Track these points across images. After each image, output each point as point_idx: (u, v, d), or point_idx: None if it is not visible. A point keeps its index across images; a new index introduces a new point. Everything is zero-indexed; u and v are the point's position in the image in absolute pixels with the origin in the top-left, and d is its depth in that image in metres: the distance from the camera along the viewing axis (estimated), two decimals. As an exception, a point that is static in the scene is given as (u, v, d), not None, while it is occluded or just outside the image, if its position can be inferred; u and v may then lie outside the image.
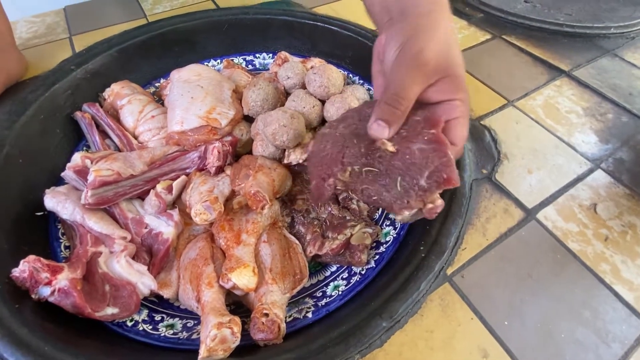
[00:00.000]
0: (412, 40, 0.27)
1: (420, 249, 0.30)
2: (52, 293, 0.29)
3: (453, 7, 0.60)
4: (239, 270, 0.31)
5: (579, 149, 0.40)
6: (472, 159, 0.38)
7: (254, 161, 0.41)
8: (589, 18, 0.64)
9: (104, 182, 0.36)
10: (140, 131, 0.46)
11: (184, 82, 0.47)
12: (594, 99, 0.46)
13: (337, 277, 0.35)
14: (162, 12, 0.58)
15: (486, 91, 0.46)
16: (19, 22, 0.55)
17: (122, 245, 0.35)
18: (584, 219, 0.34)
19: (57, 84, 0.44)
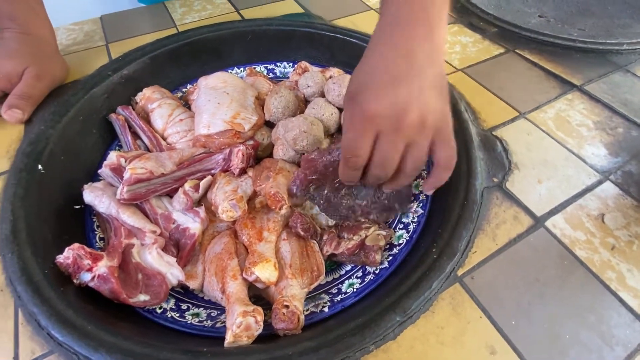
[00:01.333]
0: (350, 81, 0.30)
1: (433, 250, 0.32)
2: (92, 279, 0.32)
3: (468, 22, 0.63)
4: (262, 265, 0.34)
5: (588, 161, 0.41)
6: (484, 167, 0.40)
7: (275, 164, 0.43)
8: (603, 34, 0.65)
9: (139, 179, 0.39)
10: (169, 133, 0.49)
11: (211, 89, 0.50)
12: (604, 113, 0.47)
13: (351, 276, 0.37)
14: (191, 22, 0.61)
15: (498, 103, 0.48)
16: (60, 30, 0.59)
17: (152, 238, 0.38)
18: (591, 228, 0.35)
19: (95, 87, 0.48)
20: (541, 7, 0.76)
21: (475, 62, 0.54)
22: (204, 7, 0.65)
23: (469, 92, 0.49)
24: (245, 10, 0.65)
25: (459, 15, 0.65)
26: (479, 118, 0.46)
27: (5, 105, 0.44)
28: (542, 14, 0.73)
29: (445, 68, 0.53)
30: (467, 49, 0.57)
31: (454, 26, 0.62)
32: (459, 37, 0.60)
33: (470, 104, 0.47)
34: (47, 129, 0.42)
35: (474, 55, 0.56)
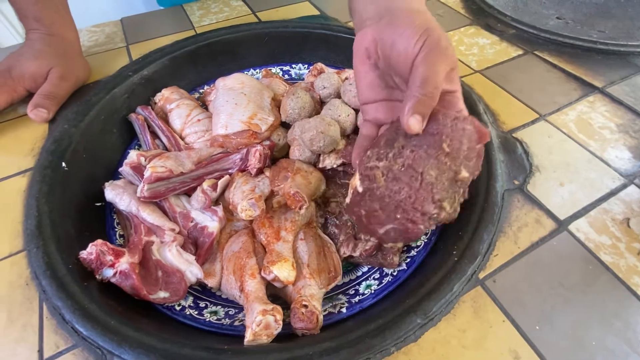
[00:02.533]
0: (431, 32, 0.27)
1: (453, 253, 0.32)
2: (114, 274, 0.33)
3: (485, 23, 0.62)
4: (280, 264, 0.34)
5: (612, 164, 0.40)
6: (504, 170, 0.39)
7: (292, 164, 0.44)
8: (623, 35, 0.64)
9: (159, 178, 0.39)
10: (187, 133, 0.49)
11: (229, 90, 0.50)
12: (627, 116, 0.46)
13: (369, 277, 0.37)
14: (208, 24, 0.62)
15: (518, 105, 0.47)
16: (82, 32, 0.61)
17: (172, 236, 0.38)
18: (616, 233, 0.34)
19: (116, 88, 0.49)
20: (559, 8, 0.75)
21: (494, 64, 0.54)
22: (221, 9, 0.66)
23: (488, 94, 0.48)
24: (262, 13, 0.65)
25: (476, 17, 0.64)
26: (499, 120, 0.45)
27: (31, 104, 0.45)
28: (560, 16, 0.72)
29: (463, 70, 0.53)
30: (485, 51, 0.56)
31: (470, 28, 0.62)
32: (476, 38, 0.59)
33: (489, 105, 0.47)
34: (70, 127, 0.43)
35: (492, 57, 0.55)
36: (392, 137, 0.29)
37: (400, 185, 0.27)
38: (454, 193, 0.28)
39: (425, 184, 0.27)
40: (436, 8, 0.67)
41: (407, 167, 0.27)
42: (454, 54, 0.28)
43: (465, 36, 0.60)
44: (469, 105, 0.46)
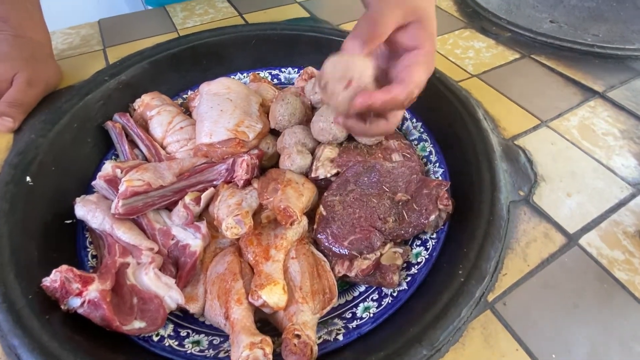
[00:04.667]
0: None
1: (459, 273, 0.29)
2: (82, 304, 0.29)
3: (480, 26, 0.61)
4: (269, 288, 0.31)
5: (618, 172, 0.39)
6: (508, 180, 0.37)
7: (282, 175, 0.41)
8: (618, 39, 0.63)
9: (135, 192, 0.36)
10: (168, 142, 0.46)
11: (214, 95, 0.47)
12: (630, 121, 0.44)
13: (367, 298, 0.34)
14: (192, 26, 0.59)
15: (518, 111, 0.45)
16: (55, 34, 0.57)
17: (149, 256, 0.35)
18: (629, 247, 0.32)
19: (90, 94, 0.45)
20: (552, 12, 0.74)
21: (491, 68, 0.52)
22: (205, 11, 0.63)
23: (487, 99, 0.46)
24: (249, 15, 0.62)
25: (470, 20, 0.63)
26: (499, 127, 0.43)
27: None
28: (554, 19, 0.72)
29: (460, 74, 0.51)
30: (481, 54, 0.55)
31: (465, 31, 0.60)
32: (472, 42, 0.57)
33: (488, 111, 0.45)
34: (37, 137, 0.39)
35: (489, 61, 0.53)
36: (344, 182, 0.39)
37: (353, 209, 0.37)
38: (397, 210, 0.37)
39: (371, 208, 0.37)
40: (429, 11, 0.65)
41: (356, 199, 0.38)
42: (412, 7, 0.29)
43: (461, 39, 0.58)
44: (467, 111, 0.44)
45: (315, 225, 0.38)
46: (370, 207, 0.37)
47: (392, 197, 0.38)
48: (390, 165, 0.41)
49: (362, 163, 0.41)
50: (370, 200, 0.38)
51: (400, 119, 0.43)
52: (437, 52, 0.55)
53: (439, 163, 0.43)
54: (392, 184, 0.39)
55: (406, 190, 0.38)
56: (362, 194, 0.39)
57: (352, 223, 0.36)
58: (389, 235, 0.36)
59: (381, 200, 0.38)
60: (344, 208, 0.38)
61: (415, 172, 0.40)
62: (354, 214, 0.37)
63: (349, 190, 0.39)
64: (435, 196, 0.36)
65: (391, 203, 0.38)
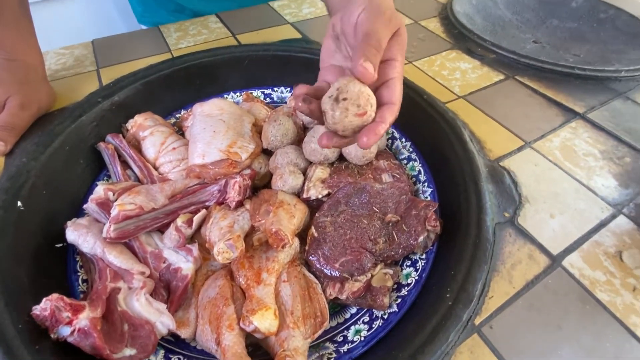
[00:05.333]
0: (372, 1, 0.31)
1: (447, 296, 0.30)
2: (71, 333, 0.29)
3: (466, 47, 0.63)
4: (261, 313, 0.31)
5: (599, 193, 0.40)
6: (494, 201, 0.38)
7: (274, 196, 0.41)
8: (598, 60, 0.66)
9: (127, 216, 0.36)
10: (161, 162, 0.46)
11: (207, 116, 0.48)
12: (610, 142, 0.46)
13: (358, 321, 0.34)
14: (186, 47, 0.60)
15: (503, 132, 0.47)
16: (49, 54, 0.57)
17: (141, 281, 0.35)
18: (610, 267, 0.33)
19: (83, 115, 0.46)
20: (535, 32, 0.77)
21: (476, 89, 0.53)
22: (199, 31, 0.64)
23: (473, 121, 0.48)
24: (242, 35, 0.64)
25: (456, 41, 0.65)
26: (485, 148, 0.44)
27: None
28: (537, 40, 0.74)
29: (447, 95, 0.53)
30: (467, 75, 0.56)
31: (452, 52, 0.62)
32: (458, 63, 0.59)
33: (474, 133, 0.46)
34: (28, 161, 0.39)
35: (475, 82, 0.55)
36: (335, 203, 0.40)
37: (344, 230, 0.38)
38: (387, 231, 0.38)
39: (361, 228, 0.38)
40: (417, 32, 0.67)
41: (347, 220, 0.38)
42: (395, 17, 0.32)
43: (447, 60, 0.60)
44: (454, 133, 0.45)
45: (307, 247, 0.38)
46: (360, 227, 0.38)
47: (382, 217, 0.39)
48: (380, 187, 0.42)
49: (352, 184, 0.42)
50: (361, 221, 0.39)
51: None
52: (425, 74, 0.57)
53: (427, 182, 0.44)
54: (382, 205, 0.40)
55: (396, 211, 0.39)
56: (353, 214, 0.39)
57: (343, 244, 0.37)
58: (380, 256, 0.37)
59: (371, 221, 0.39)
60: (335, 229, 0.38)
61: (405, 193, 0.41)
62: (345, 235, 0.38)
63: (340, 211, 0.40)
64: (423, 217, 0.37)
65: (381, 224, 0.39)
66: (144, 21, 0.81)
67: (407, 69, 0.57)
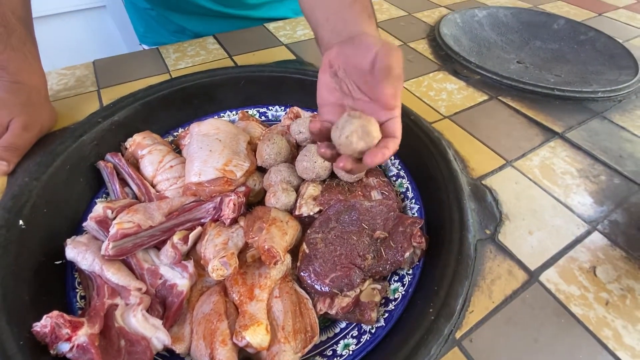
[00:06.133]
0: (385, 42, 0.33)
1: (430, 311, 0.31)
2: (70, 349, 0.30)
3: (452, 69, 0.66)
4: (253, 328, 0.32)
5: (575, 210, 0.42)
6: (476, 218, 0.40)
7: (267, 213, 0.43)
8: (578, 80, 0.69)
9: (125, 234, 0.38)
10: (158, 180, 0.48)
11: (204, 136, 0.50)
12: (586, 161, 0.49)
13: (347, 335, 0.36)
14: (184, 67, 0.62)
15: (486, 151, 0.49)
16: (51, 74, 0.59)
17: (137, 297, 0.36)
18: (584, 282, 0.35)
19: (84, 135, 0.47)
20: (519, 53, 0.80)
21: (461, 109, 0.56)
22: (197, 52, 0.67)
23: (457, 140, 0.50)
24: (239, 57, 0.66)
25: (444, 63, 0.68)
26: (468, 167, 0.47)
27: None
28: (520, 60, 0.78)
29: (433, 115, 0.55)
30: (453, 96, 0.59)
31: (439, 73, 0.65)
32: (445, 84, 0.62)
33: (458, 152, 0.49)
34: (31, 181, 0.41)
35: (460, 102, 0.58)
36: (326, 220, 0.42)
37: (335, 247, 0.39)
38: (376, 247, 0.40)
39: (351, 245, 0.39)
40: (406, 53, 0.70)
41: (337, 237, 0.40)
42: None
43: (434, 81, 0.63)
44: (439, 152, 0.48)
45: (299, 263, 0.40)
46: (350, 244, 0.40)
47: (371, 234, 0.41)
48: (369, 204, 0.43)
49: (343, 202, 0.44)
50: (351, 238, 0.41)
51: None
52: (413, 94, 0.59)
53: (415, 199, 0.46)
54: (371, 222, 0.42)
55: (384, 228, 0.41)
56: (343, 231, 0.41)
57: (334, 260, 0.39)
58: (368, 272, 0.38)
59: (361, 238, 0.40)
60: (325, 245, 0.40)
61: (393, 210, 0.43)
62: (335, 252, 0.39)
63: (330, 228, 0.42)
64: (409, 234, 0.39)
65: (370, 240, 0.40)
66: (145, 41, 0.84)
67: (396, 90, 0.60)
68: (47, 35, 1.06)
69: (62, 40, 1.03)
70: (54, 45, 0.98)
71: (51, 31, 1.04)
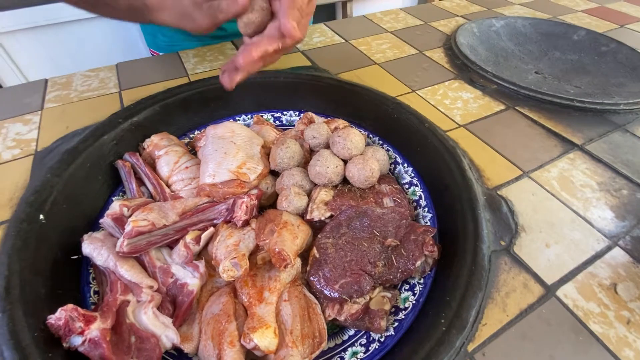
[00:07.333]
0: None
1: (441, 322, 0.31)
2: (82, 343, 0.31)
3: (469, 78, 0.65)
4: (261, 331, 0.32)
5: (595, 224, 0.41)
6: (490, 229, 0.39)
7: (279, 217, 0.43)
8: (598, 92, 0.68)
9: (140, 232, 0.38)
10: (173, 180, 0.49)
11: (219, 138, 0.50)
12: (607, 174, 0.47)
13: (355, 343, 0.35)
14: (202, 72, 0.64)
15: (502, 161, 0.48)
16: (76, 75, 0.61)
17: (149, 294, 0.36)
18: (604, 299, 0.34)
19: (105, 135, 0.49)
20: (537, 64, 0.79)
21: (477, 119, 0.55)
22: (215, 57, 0.68)
23: (472, 149, 0.50)
24: (255, 62, 0.67)
25: (459, 72, 0.68)
26: (483, 176, 0.46)
27: None
28: (539, 71, 0.77)
29: (448, 124, 0.55)
30: (469, 105, 0.59)
31: (454, 82, 0.65)
32: (460, 92, 0.62)
33: (474, 161, 0.48)
34: (52, 177, 0.42)
35: (476, 112, 0.57)
36: (337, 226, 0.42)
37: (345, 252, 0.39)
38: (386, 255, 0.39)
39: (361, 251, 0.39)
40: (422, 61, 0.70)
41: (348, 242, 0.40)
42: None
43: (450, 90, 0.62)
44: (453, 160, 0.47)
45: (309, 267, 0.40)
46: (361, 250, 0.40)
47: (382, 241, 0.40)
48: (381, 211, 0.43)
49: (354, 208, 0.44)
50: (361, 244, 0.40)
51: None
52: (428, 102, 0.59)
53: (427, 208, 0.46)
54: (383, 229, 0.42)
55: (395, 235, 0.41)
56: (354, 237, 0.41)
57: (344, 266, 0.38)
58: (378, 280, 0.38)
59: (372, 245, 0.40)
60: (336, 251, 0.40)
61: (405, 218, 0.43)
62: (346, 257, 0.39)
63: (341, 233, 0.41)
64: (421, 242, 0.39)
65: (381, 247, 0.40)
66: (159, 49, 0.85)
67: (411, 98, 0.60)
68: (74, 39, 1.10)
69: (89, 43, 1.07)
70: (80, 48, 1.02)
71: (78, 35, 1.09)
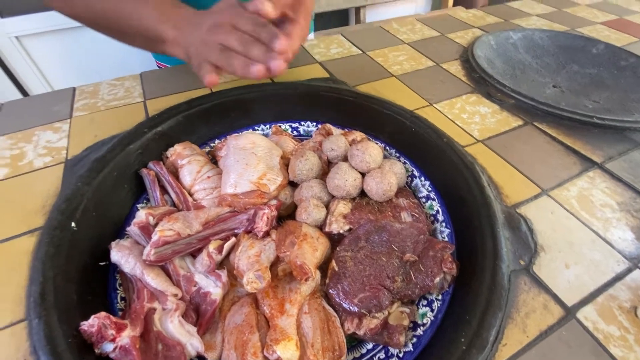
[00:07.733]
0: None
1: (461, 340, 0.31)
2: (114, 350, 0.32)
3: (486, 92, 0.66)
4: (284, 343, 0.33)
5: (616, 245, 0.41)
6: (510, 248, 0.39)
7: (299, 229, 0.44)
8: (618, 107, 0.67)
9: (166, 242, 0.40)
10: (195, 189, 0.50)
11: (240, 149, 0.52)
12: (628, 194, 0.47)
13: (373, 357, 0.36)
14: (223, 82, 0.65)
15: (520, 178, 0.48)
16: (102, 84, 0.64)
17: (174, 303, 0.38)
18: (624, 322, 0.34)
19: (131, 144, 0.50)
20: (555, 77, 0.79)
21: (495, 134, 0.56)
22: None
23: (491, 165, 0.50)
24: (275, 73, 0.69)
25: (477, 85, 0.68)
26: (502, 193, 0.46)
27: None
28: (556, 84, 0.77)
29: (466, 139, 0.55)
30: (486, 120, 0.59)
31: (472, 96, 0.65)
32: (478, 107, 0.62)
33: (492, 178, 0.48)
34: (83, 185, 0.44)
35: (494, 127, 0.57)
36: (356, 239, 0.43)
37: (364, 266, 0.40)
38: (405, 270, 0.40)
39: (380, 266, 0.40)
40: (439, 74, 0.71)
41: (367, 256, 0.41)
42: None
43: (467, 104, 0.63)
44: (472, 177, 0.47)
45: (328, 280, 0.40)
46: (379, 265, 0.40)
47: (400, 256, 0.41)
48: (399, 226, 0.44)
49: (373, 222, 0.44)
50: (380, 259, 0.41)
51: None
52: (446, 116, 0.60)
53: (445, 223, 0.46)
54: (401, 244, 0.42)
55: (414, 251, 0.41)
56: (373, 251, 0.42)
57: (363, 280, 0.39)
58: (397, 294, 0.38)
59: (390, 259, 0.41)
60: (355, 264, 0.41)
61: (423, 233, 0.43)
62: (364, 271, 0.40)
63: (360, 247, 0.42)
64: (440, 259, 0.39)
65: (399, 262, 0.41)
66: (167, 61, 0.84)
67: (428, 111, 0.61)
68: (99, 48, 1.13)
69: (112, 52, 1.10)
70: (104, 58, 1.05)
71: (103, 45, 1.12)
